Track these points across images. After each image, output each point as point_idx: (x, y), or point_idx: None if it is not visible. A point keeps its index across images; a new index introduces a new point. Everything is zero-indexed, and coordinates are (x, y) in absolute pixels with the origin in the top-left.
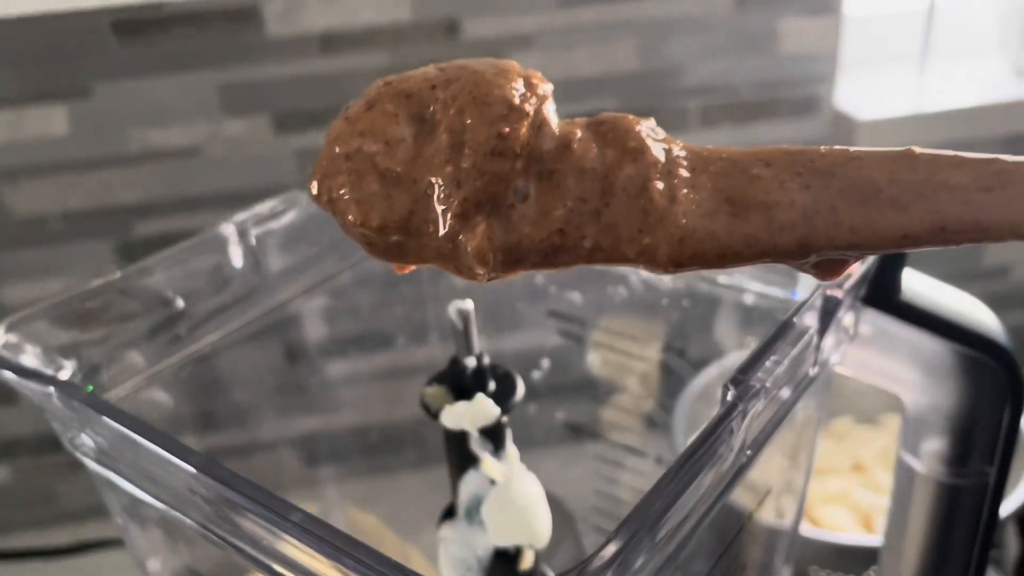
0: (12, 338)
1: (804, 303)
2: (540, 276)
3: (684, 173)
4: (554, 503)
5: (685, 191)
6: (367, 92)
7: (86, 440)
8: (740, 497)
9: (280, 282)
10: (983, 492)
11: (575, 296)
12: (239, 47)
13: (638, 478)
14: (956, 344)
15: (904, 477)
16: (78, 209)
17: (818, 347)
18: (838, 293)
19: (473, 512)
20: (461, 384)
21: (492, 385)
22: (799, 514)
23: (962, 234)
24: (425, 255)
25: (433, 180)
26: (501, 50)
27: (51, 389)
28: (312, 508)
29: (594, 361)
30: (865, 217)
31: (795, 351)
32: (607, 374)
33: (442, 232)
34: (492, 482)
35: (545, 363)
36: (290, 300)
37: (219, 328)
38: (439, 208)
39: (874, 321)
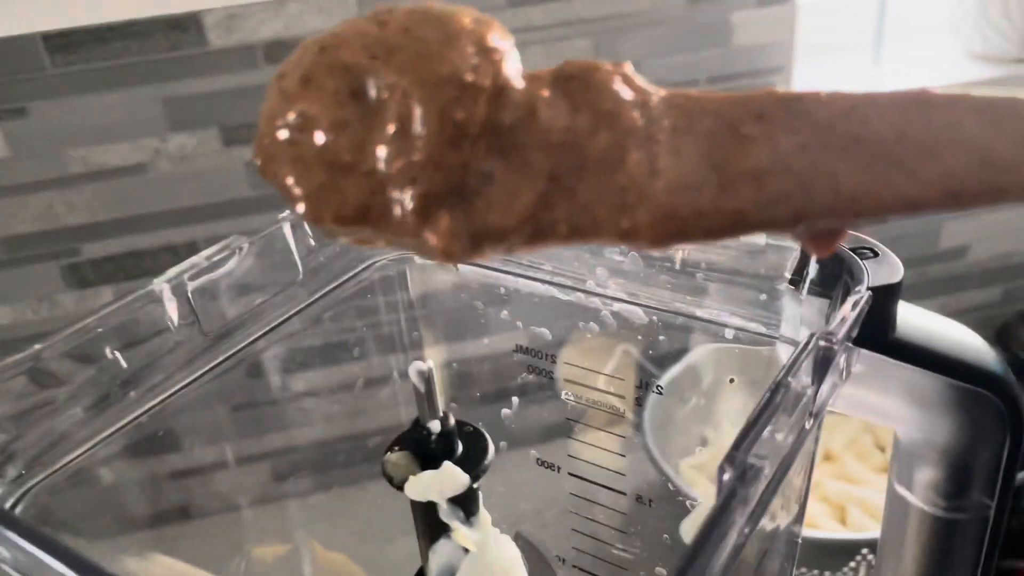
0: None
1: (796, 359)
2: (505, 311)
3: (665, 137)
4: (532, 552)
5: (667, 160)
6: (300, 58)
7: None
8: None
9: (226, 333)
10: (983, 526)
11: (544, 331)
12: (181, 59)
13: (616, 516)
14: (952, 379)
15: (898, 509)
16: (21, 233)
17: (814, 399)
18: (832, 340)
19: None
20: (426, 449)
21: (460, 447)
22: (799, 534)
23: (979, 198)
24: (389, 242)
25: (385, 171)
26: None
27: None
28: (277, 544)
29: (565, 398)
30: (869, 185)
31: (793, 416)
32: (579, 411)
33: (403, 227)
34: (465, 550)
35: (515, 401)
36: (238, 350)
37: (159, 389)
38: (395, 204)
39: (867, 360)
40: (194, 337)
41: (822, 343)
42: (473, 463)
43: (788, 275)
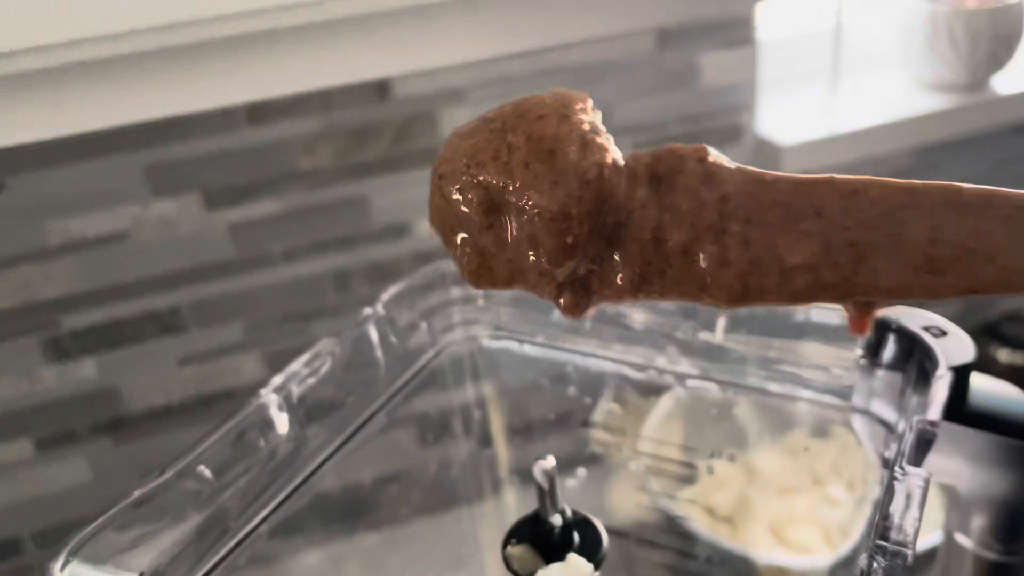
0: (77, 567)
1: (903, 448)
2: (573, 388)
3: (736, 228)
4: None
5: (737, 252)
6: (451, 164)
7: None
8: None
9: (321, 437)
10: None
11: (614, 407)
12: (163, 125)
13: None
14: (1017, 439)
15: (955, 555)
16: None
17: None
18: (934, 424)
19: None
20: (548, 542)
21: (577, 538)
22: None
23: (994, 294)
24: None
25: (523, 262)
26: (434, 106)
27: None
28: None
29: (636, 469)
30: (903, 281)
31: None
32: (654, 484)
33: (540, 294)
34: None
35: (581, 472)
36: (336, 450)
37: (271, 498)
38: (533, 283)
39: (942, 429)
40: (299, 442)
41: (923, 426)
42: (592, 552)
43: (860, 351)
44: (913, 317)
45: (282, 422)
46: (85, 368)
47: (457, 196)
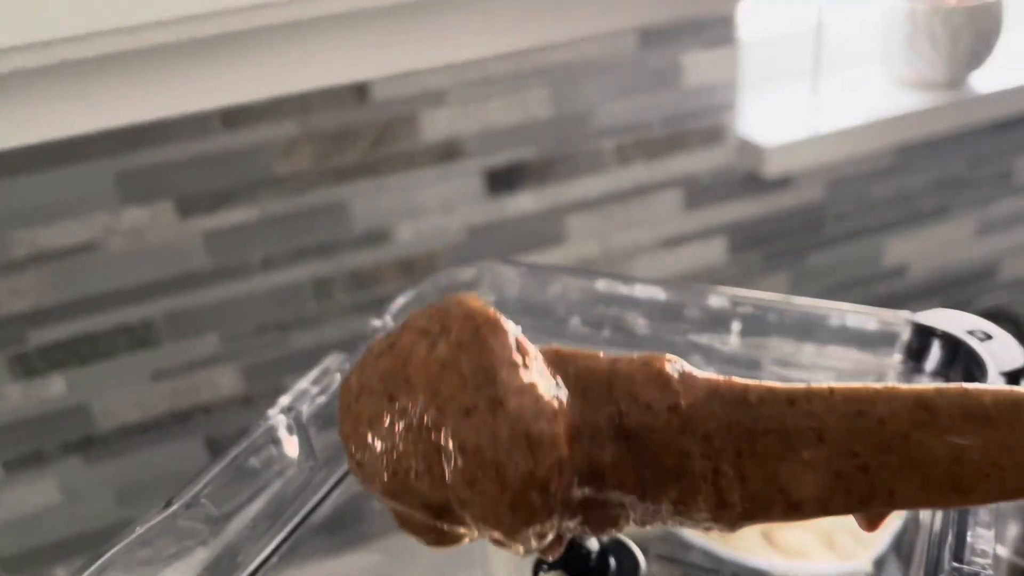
0: None
1: None
2: None
3: (728, 469)
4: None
5: (736, 493)
6: (370, 464)
7: None
8: None
9: (332, 457)
10: None
11: None
12: (134, 130)
13: None
14: None
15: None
16: None
17: None
18: None
19: None
20: (583, 567)
21: (613, 563)
22: None
23: (1010, 500)
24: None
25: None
26: (414, 108)
27: None
28: None
29: None
30: (925, 498)
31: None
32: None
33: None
34: None
35: None
36: (346, 473)
37: (286, 522)
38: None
39: None
40: (309, 464)
41: None
42: None
43: (899, 356)
44: (956, 320)
45: (292, 444)
46: (54, 385)
47: (392, 503)
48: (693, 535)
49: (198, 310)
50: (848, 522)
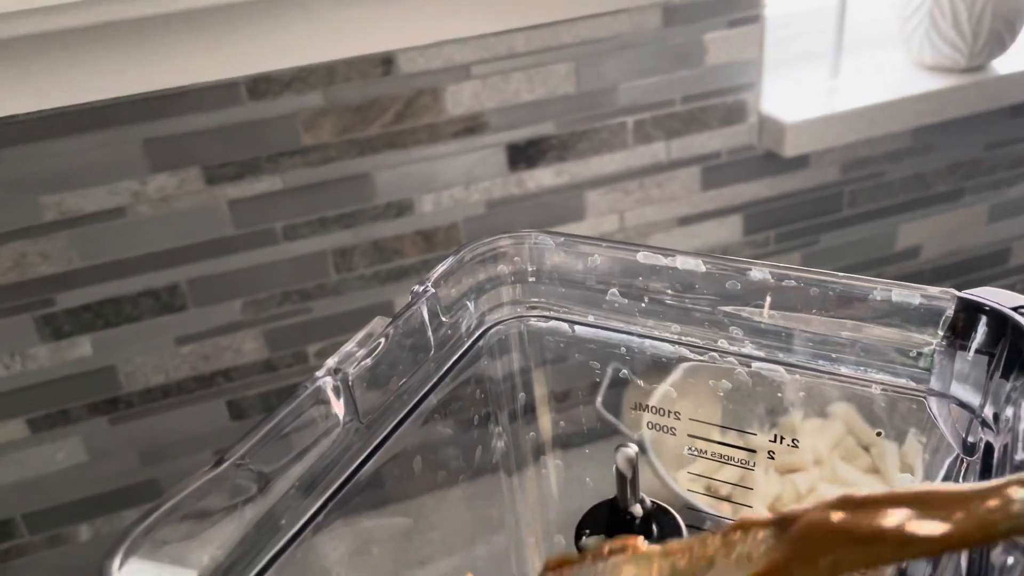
0: (135, 565)
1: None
2: (625, 370)
3: None
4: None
5: None
6: None
7: None
8: None
9: (378, 418)
10: None
11: (669, 390)
12: (162, 97)
13: None
14: None
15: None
16: None
17: None
18: None
19: None
20: (627, 533)
21: (655, 530)
22: None
23: None
24: None
25: None
26: (439, 81)
27: None
28: None
29: (688, 453)
30: None
31: None
32: (704, 464)
33: None
34: None
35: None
36: (389, 433)
37: (331, 484)
38: None
39: None
40: (353, 426)
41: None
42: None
43: (942, 332)
44: (1003, 296)
45: (338, 406)
46: (81, 347)
47: None
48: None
49: (222, 277)
50: None
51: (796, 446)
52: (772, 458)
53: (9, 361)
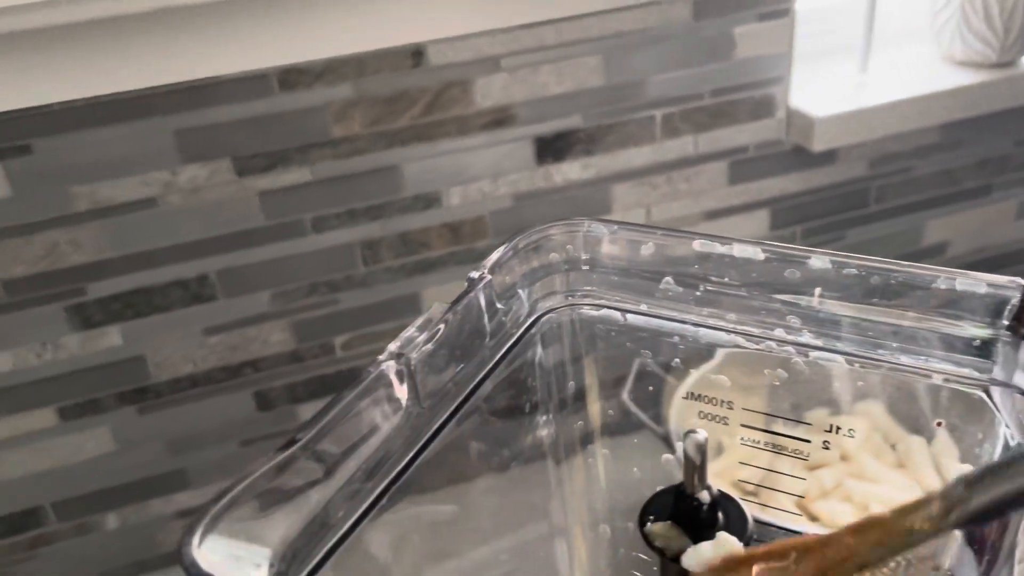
0: (213, 542)
1: None
2: (677, 359)
3: None
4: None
5: None
6: None
7: None
8: None
9: (438, 402)
10: None
11: (721, 379)
12: (193, 89)
13: None
14: None
15: None
16: (22, 275)
17: None
18: None
19: None
20: (694, 520)
21: (721, 518)
22: None
23: None
24: None
25: None
26: (468, 74)
27: None
28: None
29: (742, 443)
30: None
31: None
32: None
33: None
34: None
35: (679, 446)
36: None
37: (394, 466)
38: None
39: None
40: (415, 410)
41: None
42: (739, 530)
43: (1007, 321)
44: None
45: (401, 390)
46: (111, 336)
47: None
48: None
49: (251, 268)
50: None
51: (852, 436)
52: (827, 447)
53: (40, 350)
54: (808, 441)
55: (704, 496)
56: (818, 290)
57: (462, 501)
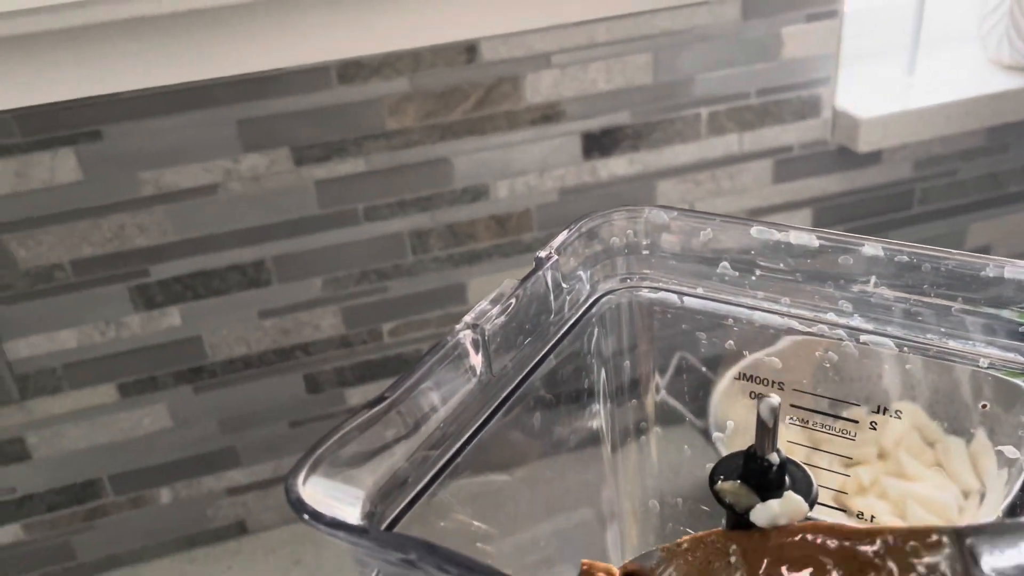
0: (316, 481)
1: None
2: (731, 342)
3: None
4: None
5: None
6: None
7: None
8: None
9: (506, 373)
10: None
11: (773, 360)
12: (256, 80)
13: None
14: None
15: None
16: (90, 256)
17: None
18: None
19: None
20: (763, 480)
21: (788, 481)
22: None
23: None
24: None
25: None
26: (520, 70)
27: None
28: None
29: (790, 423)
30: None
31: None
32: (804, 435)
33: None
34: None
35: (729, 424)
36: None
37: (468, 428)
38: None
39: None
40: (486, 379)
41: None
42: (805, 492)
43: None
44: None
45: (476, 359)
46: (170, 317)
47: None
48: None
49: (305, 254)
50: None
51: (899, 417)
52: (874, 428)
53: (104, 328)
54: (856, 422)
55: (774, 458)
56: (873, 278)
57: (519, 476)
